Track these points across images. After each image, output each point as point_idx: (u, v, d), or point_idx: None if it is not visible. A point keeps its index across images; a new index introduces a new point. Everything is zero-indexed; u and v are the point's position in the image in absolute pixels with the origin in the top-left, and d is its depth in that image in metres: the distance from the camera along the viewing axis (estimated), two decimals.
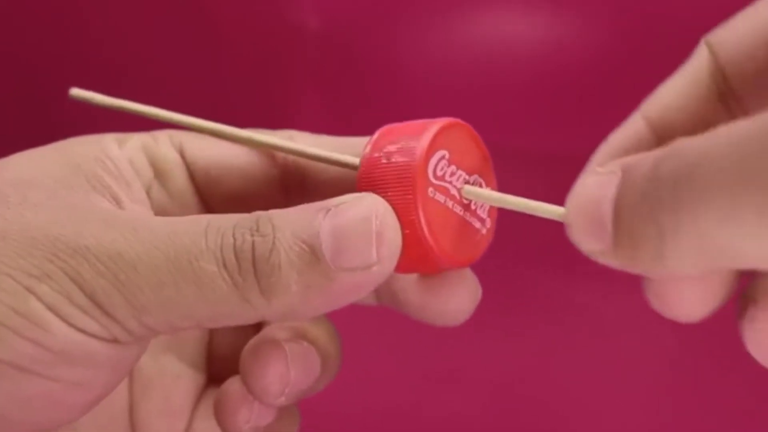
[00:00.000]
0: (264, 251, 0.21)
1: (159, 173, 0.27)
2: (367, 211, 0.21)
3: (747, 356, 0.43)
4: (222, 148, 0.27)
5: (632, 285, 0.48)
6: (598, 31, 0.39)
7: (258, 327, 0.28)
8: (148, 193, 0.26)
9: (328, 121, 0.27)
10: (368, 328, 0.44)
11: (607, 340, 0.44)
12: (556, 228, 0.53)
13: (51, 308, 0.20)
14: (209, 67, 0.49)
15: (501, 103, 0.39)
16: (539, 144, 0.46)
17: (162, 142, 0.27)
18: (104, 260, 0.20)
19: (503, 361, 0.42)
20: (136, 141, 0.27)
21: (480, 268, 0.26)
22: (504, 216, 0.44)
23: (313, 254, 0.20)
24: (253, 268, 0.20)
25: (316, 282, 0.21)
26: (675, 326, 0.45)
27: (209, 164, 0.27)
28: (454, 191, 0.23)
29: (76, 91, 0.28)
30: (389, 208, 0.21)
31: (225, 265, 0.20)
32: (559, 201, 0.22)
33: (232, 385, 0.26)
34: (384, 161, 0.22)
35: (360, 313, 0.39)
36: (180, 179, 0.27)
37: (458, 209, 0.23)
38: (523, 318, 0.45)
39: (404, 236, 0.22)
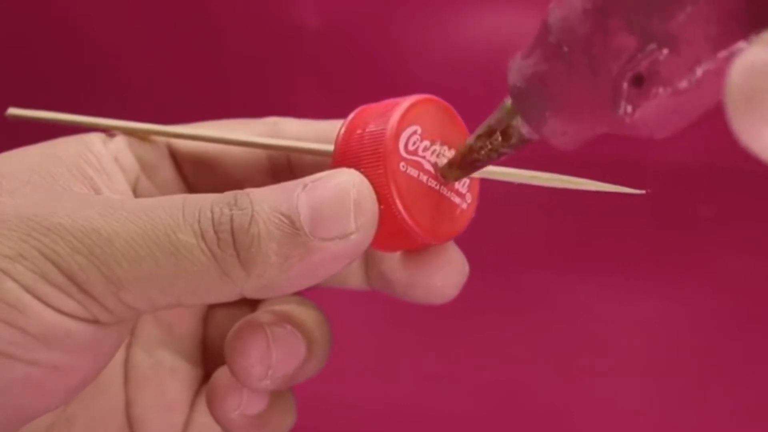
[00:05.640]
0: (243, 222, 0.20)
1: (146, 167, 0.27)
2: (344, 182, 0.21)
3: (747, 356, 0.43)
4: None
5: (632, 285, 0.48)
6: None
7: None
8: (135, 186, 0.26)
9: (327, 118, 0.27)
10: (367, 327, 0.44)
11: (606, 339, 0.44)
12: (556, 228, 0.53)
13: (27, 289, 0.20)
14: (210, 65, 0.49)
15: (500, 101, 0.39)
16: (539, 143, 0.46)
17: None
18: (79, 236, 0.20)
19: (502, 360, 0.42)
20: (122, 137, 0.27)
21: (480, 268, 0.26)
22: (504, 216, 0.44)
23: (292, 226, 0.20)
24: (232, 239, 0.20)
25: (296, 253, 0.20)
26: (675, 325, 0.45)
27: (196, 155, 0.27)
28: (428, 166, 0.23)
29: (13, 111, 0.28)
30: (365, 179, 0.22)
31: (203, 237, 0.20)
32: (561, 200, 0.22)
33: (222, 373, 0.26)
34: (357, 139, 0.22)
35: (359, 312, 0.39)
36: (167, 171, 0.27)
37: (434, 184, 0.23)
38: (522, 318, 0.45)
39: (379, 211, 0.22)
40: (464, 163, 0.23)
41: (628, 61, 0.18)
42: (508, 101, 0.21)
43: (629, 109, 0.18)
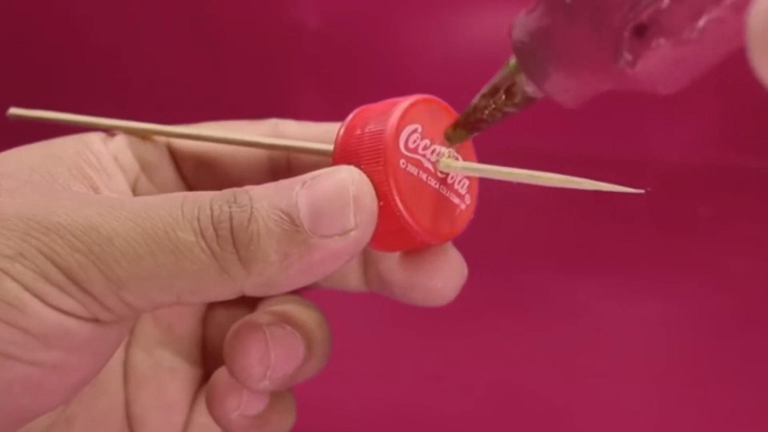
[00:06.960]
0: (242, 220, 0.20)
1: (146, 167, 0.27)
2: (343, 179, 0.21)
3: (747, 356, 0.43)
4: None
5: (632, 285, 0.48)
6: None
7: None
8: (135, 186, 0.26)
9: (327, 118, 0.27)
10: (367, 328, 0.44)
11: (606, 339, 0.44)
12: (556, 228, 0.53)
13: (27, 288, 0.20)
14: (210, 65, 0.49)
15: None
16: (540, 143, 0.46)
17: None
18: (79, 235, 0.20)
19: (502, 360, 0.42)
20: (122, 137, 0.27)
21: (480, 268, 0.26)
22: (503, 216, 0.44)
23: (291, 223, 0.20)
24: (231, 236, 0.20)
25: (295, 250, 0.20)
26: (675, 325, 0.45)
27: (196, 155, 0.27)
28: (428, 165, 0.23)
29: (13, 111, 0.28)
30: (364, 176, 0.22)
31: (203, 235, 0.20)
32: (560, 200, 0.22)
33: (222, 373, 0.25)
34: (356, 137, 0.22)
35: (359, 312, 0.39)
36: (167, 171, 0.27)
37: (434, 183, 0.23)
38: (522, 318, 0.45)
39: (379, 208, 0.22)
40: (468, 123, 0.22)
41: (631, 10, 0.17)
42: (513, 59, 0.21)
43: (630, 59, 0.18)
